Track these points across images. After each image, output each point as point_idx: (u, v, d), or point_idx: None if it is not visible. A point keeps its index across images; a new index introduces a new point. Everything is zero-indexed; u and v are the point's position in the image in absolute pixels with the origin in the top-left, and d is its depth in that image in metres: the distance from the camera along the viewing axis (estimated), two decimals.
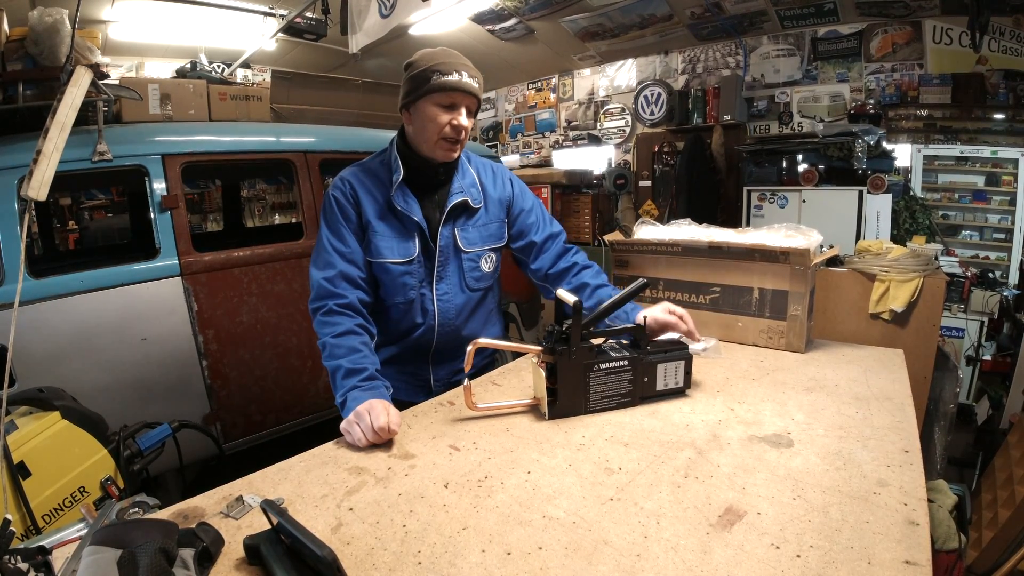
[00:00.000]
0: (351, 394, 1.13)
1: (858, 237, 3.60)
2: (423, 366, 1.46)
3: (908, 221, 3.80)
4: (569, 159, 5.90)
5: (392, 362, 1.43)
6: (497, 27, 4.84)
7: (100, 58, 2.26)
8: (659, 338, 1.28)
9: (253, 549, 0.73)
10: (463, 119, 1.28)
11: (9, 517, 0.78)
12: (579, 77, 5.78)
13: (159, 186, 2.29)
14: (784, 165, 4.09)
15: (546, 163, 6.11)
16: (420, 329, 1.40)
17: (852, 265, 2.03)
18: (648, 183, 5.13)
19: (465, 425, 1.14)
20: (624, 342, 1.24)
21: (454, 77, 1.24)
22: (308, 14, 3.63)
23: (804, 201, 3.89)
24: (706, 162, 4.59)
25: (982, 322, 3.39)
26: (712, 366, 1.42)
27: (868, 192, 3.64)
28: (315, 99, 3.35)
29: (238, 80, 4.22)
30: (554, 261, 1.47)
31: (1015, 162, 3.95)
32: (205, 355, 2.39)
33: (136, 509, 0.93)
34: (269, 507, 0.72)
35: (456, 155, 1.35)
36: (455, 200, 1.38)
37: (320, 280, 1.30)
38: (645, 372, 1.19)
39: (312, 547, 0.64)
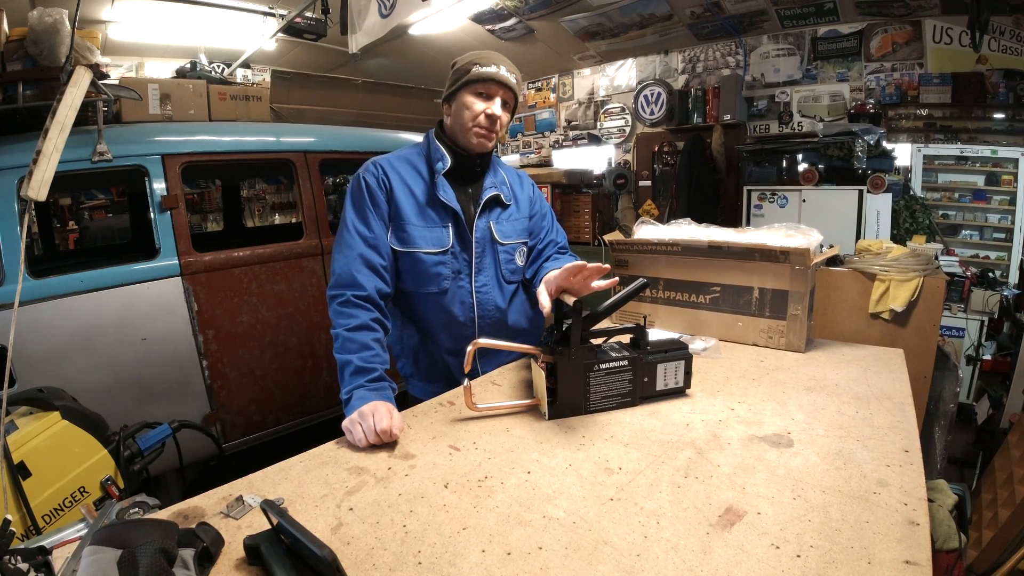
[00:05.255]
0: (357, 392, 1.14)
1: (858, 237, 3.59)
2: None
3: (908, 221, 3.80)
4: (569, 159, 5.89)
5: (436, 351, 1.45)
6: (497, 27, 4.84)
7: (100, 58, 2.26)
8: (659, 338, 1.28)
9: (253, 549, 0.73)
10: (497, 108, 1.33)
11: (9, 517, 0.78)
12: (579, 77, 5.77)
13: (159, 186, 2.29)
14: (784, 165, 4.09)
15: (546, 163, 6.10)
16: (460, 322, 1.41)
17: (852, 265, 2.03)
18: (648, 183, 5.12)
19: (465, 425, 1.14)
20: (624, 342, 1.24)
21: (492, 68, 1.30)
22: (308, 14, 3.63)
23: (804, 201, 3.88)
24: (706, 162, 4.58)
25: (982, 322, 3.38)
26: (712, 366, 1.42)
27: (868, 192, 3.64)
28: (315, 99, 3.35)
29: (238, 80, 4.22)
30: (540, 266, 1.47)
31: (1015, 162, 3.95)
32: (205, 355, 2.39)
33: (136, 509, 0.93)
34: (269, 507, 0.72)
35: (490, 146, 1.38)
36: (489, 194, 1.41)
37: (341, 266, 1.30)
38: (645, 372, 1.19)
39: (312, 547, 0.64)
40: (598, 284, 1.11)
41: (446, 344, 1.44)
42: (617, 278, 1.10)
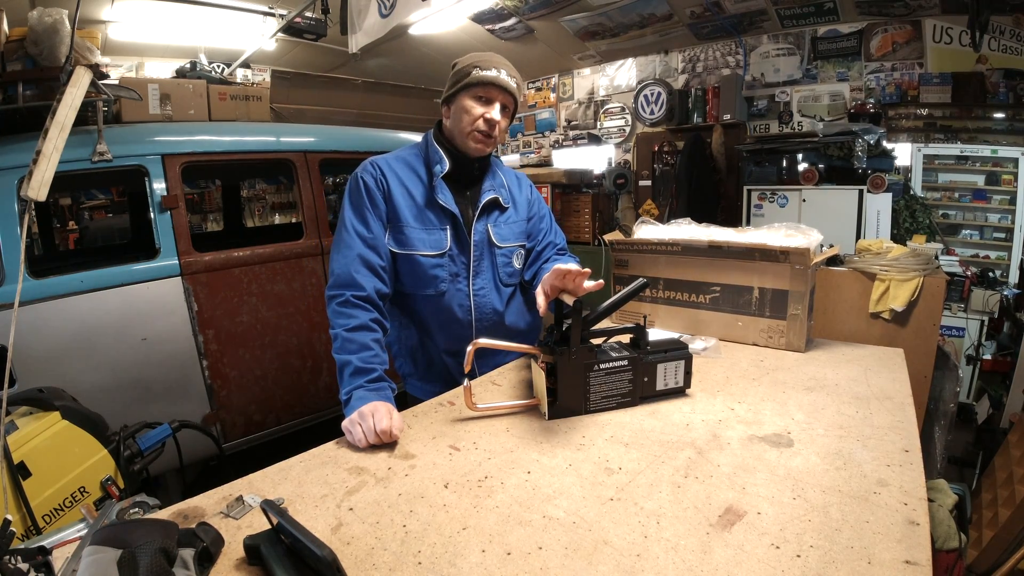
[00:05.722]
0: (356, 393, 1.14)
1: (858, 236, 3.59)
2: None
3: (908, 220, 3.80)
4: (569, 159, 5.89)
5: (434, 351, 1.45)
6: (497, 27, 4.84)
7: (100, 58, 2.26)
8: (659, 338, 1.28)
9: (253, 549, 0.73)
10: (496, 113, 1.32)
11: (9, 517, 0.78)
12: (579, 77, 5.77)
13: (159, 186, 2.29)
14: (784, 164, 4.09)
15: (546, 163, 6.10)
16: (459, 323, 1.41)
17: (852, 264, 2.03)
18: (648, 183, 5.12)
19: (465, 425, 1.14)
20: (624, 342, 1.24)
21: (492, 72, 1.29)
22: (308, 14, 3.63)
23: (804, 200, 3.88)
24: (706, 161, 4.58)
25: (982, 321, 3.38)
26: (712, 366, 1.42)
27: (868, 191, 3.64)
28: (315, 99, 3.35)
29: (238, 80, 4.22)
30: (539, 267, 1.48)
31: (1015, 161, 3.95)
32: (205, 355, 2.39)
33: (136, 509, 0.93)
34: (269, 507, 0.72)
35: (488, 150, 1.38)
36: (487, 197, 1.41)
37: (339, 266, 1.29)
38: (645, 372, 1.19)
39: (312, 547, 0.64)
40: (588, 285, 1.11)
41: (444, 344, 1.44)
42: (602, 281, 1.10)
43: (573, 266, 1.18)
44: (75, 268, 2.16)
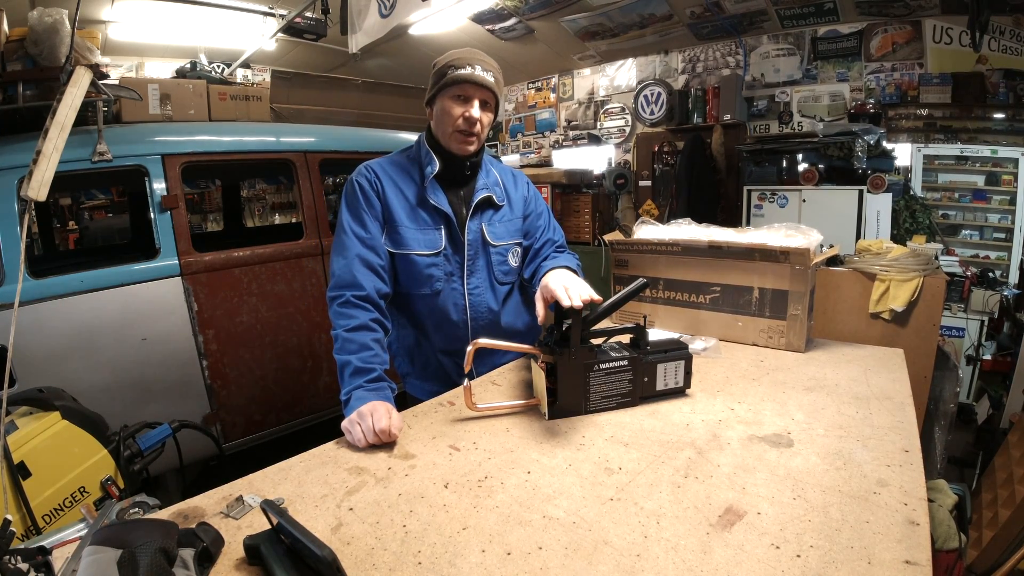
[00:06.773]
0: (356, 393, 1.14)
1: (858, 236, 3.59)
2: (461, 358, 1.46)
3: (908, 220, 3.80)
4: (569, 159, 5.89)
5: (430, 350, 1.45)
6: (497, 27, 4.84)
7: (100, 58, 2.26)
8: (659, 338, 1.28)
9: (253, 549, 0.73)
10: (475, 111, 1.31)
11: (9, 517, 0.78)
12: (579, 77, 5.77)
13: (159, 186, 2.29)
14: (784, 165, 4.09)
15: (546, 163, 6.10)
16: (454, 322, 1.41)
17: (852, 265, 2.03)
18: (648, 183, 5.12)
19: (465, 425, 1.14)
20: (624, 342, 1.24)
21: (466, 70, 1.28)
22: (308, 14, 3.63)
23: (804, 201, 3.88)
24: (706, 162, 4.58)
25: (982, 321, 3.39)
26: (712, 366, 1.42)
27: (868, 191, 3.64)
28: (315, 99, 3.35)
29: (238, 80, 4.22)
30: (538, 265, 1.47)
31: (1015, 161, 3.95)
32: (205, 355, 2.39)
33: (136, 509, 0.93)
34: (269, 507, 0.72)
35: (472, 148, 1.37)
36: (480, 195, 1.41)
37: (339, 267, 1.30)
38: (645, 372, 1.19)
39: (312, 547, 0.64)
40: (584, 299, 1.11)
41: (440, 344, 1.45)
42: (600, 297, 1.10)
43: (568, 274, 1.20)
44: (75, 268, 2.16)
